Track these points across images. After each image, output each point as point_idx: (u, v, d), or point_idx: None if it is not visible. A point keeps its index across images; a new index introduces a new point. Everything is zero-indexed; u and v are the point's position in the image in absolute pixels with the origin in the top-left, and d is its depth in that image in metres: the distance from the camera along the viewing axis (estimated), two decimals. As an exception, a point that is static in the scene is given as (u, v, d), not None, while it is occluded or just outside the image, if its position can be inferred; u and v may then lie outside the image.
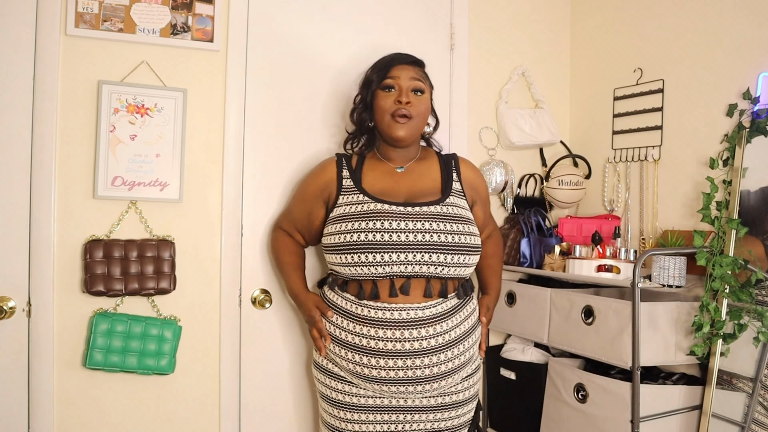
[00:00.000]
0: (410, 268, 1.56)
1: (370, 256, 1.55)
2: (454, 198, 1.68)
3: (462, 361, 1.61)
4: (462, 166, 1.78)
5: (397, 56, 1.74)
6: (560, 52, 2.48)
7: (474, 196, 1.77)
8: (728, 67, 1.89)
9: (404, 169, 1.73)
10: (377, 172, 1.73)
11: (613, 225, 2.17)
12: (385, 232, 1.55)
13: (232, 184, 1.94)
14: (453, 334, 1.58)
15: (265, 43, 1.99)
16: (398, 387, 1.57)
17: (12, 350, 1.71)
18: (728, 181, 1.82)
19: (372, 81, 1.71)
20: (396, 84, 1.68)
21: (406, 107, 1.66)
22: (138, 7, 1.82)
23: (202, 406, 1.92)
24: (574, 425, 1.87)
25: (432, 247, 1.55)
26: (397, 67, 1.70)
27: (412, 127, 1.68)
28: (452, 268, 1.58)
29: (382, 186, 1.69)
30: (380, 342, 1.55)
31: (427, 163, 1.77)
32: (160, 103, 1.84)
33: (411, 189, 1.68)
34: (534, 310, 2.05)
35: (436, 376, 1.57)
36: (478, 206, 1.79)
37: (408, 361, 1.54)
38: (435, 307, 1.57)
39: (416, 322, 1.54)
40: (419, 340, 1.54)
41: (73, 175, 1.78)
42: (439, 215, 1.60)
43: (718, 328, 1.72)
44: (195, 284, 1.90)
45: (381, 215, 1.58)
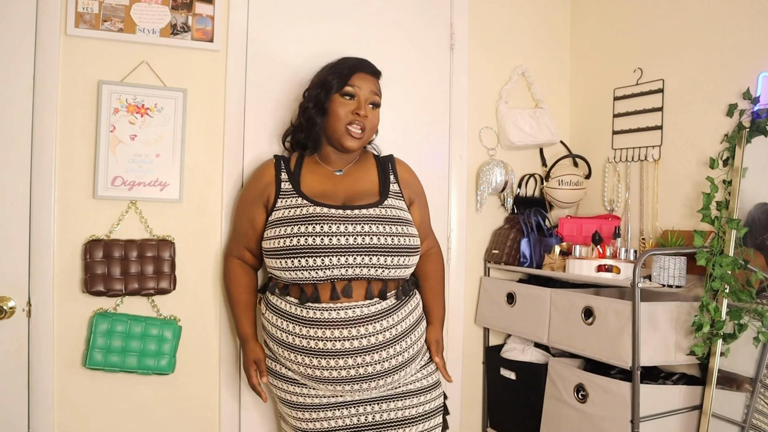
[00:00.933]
0: (351, 271, 1.56)
1: (310, 261, 1.54)
2: (393, 200, 1.69)
3: (410, 355, 1.62)
4: (398, 167, 1.79)
5: (360, 64, 1.72)
6: (560, 52, 2.48)
7: (411, 196, 1.78)
8: (728, 67, 1.89)
9: (343, 172, 1.74)
10: (316, 175, 1.72)
11: (613, 225, 2.17)
12: (324, 236, 1.55)
13: (232, 184, 1.94)
14: (398, 329, 1.59)
15: (265, 43, 1.99)
16: (351, 385, 1.58)
17: (12, 350, 1.71)
18: (728, 181, 1.82)
19: (331, 84, 1.68)
20: (356, 93, 1.68)
21: (363, 120, 1.67)
22: (138, 7, 1.82)
23: (202, 406, 1.92)
24: (574, 425, 1.87)
25: (372, 249, 1.56)
26: (360, 75, 1.70)
27: (364, 140, 1.70)
28: (392, 269, 1.59)
29: (321, 189, 1.68)
30: (327, 342, 1.54)
31: (364, 165, 1.77)
32: (160, 103, 1.84)
33: (349, 192, 1.69)
34: (534, 310, 2.05)
35: (386, 372, 1.58)
36: (415, 206, 1.79)
37: (359, 359, 1.54)
38: (375, 305, 1.58)
39: (359, 320, 1.55)
40: (365, 337, 1.54)
41: (73, 175, 1.78)
42: (378, 217, 1.60)
43: (718, 328, 1.72)
44: (195, 284, 1.90)
45: (320, 219, 1.57)
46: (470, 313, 2.32)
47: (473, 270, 2.32)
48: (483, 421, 2.34)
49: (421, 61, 2.22)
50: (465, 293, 2.30)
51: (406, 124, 2.18)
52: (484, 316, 2.27)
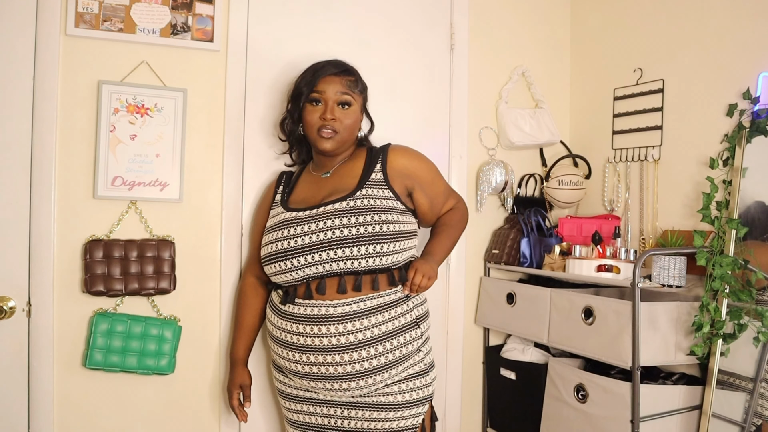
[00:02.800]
0: (321, 268, 1.56)
1: (282, 264, 1.60)
2: (369, 190, 1.63)
3: (384, 362, 1.55)
4: (391, 155, 1.71)
5: (323, 67, 1.71)
6: (560, 52, 2.48)
7: (408, 184, 1.70)
8: (728, 67, 1.89)
9: (329, 174, 1.74)
10: (306, 183, 1.77)
11: (613, 225, 2.17)
12: (291, 239, 1.59)
13: (232, 184, 1.94)
14: (371, 333, 1.54)
15: (265, 43, 1.99)
16: (316, 383, 1.59)
17: (12, 350, 1.71)
18: (728, 181, 1.82)
19: (301, 93, 1.70)
20: (322, 98, 1.68)
21: (331, 123, 1.67)
22: (138, 7, 1.82)
23: (202, 406, 1.92)
24: (574, 425, 1.87)
25: (335, 242, 1.55)
26: (324, 79, 1.69)
27: (338, 140, 1.69)
28: (363, 259, 1.55)
29: (305, 194, 1.73)
30: (298, 337, 1.57)
31: (351, 162, 1.75)
32: (160, 103, 1.84)
33: (329, 192, 1.68)
34: (534, 310, 2.05)
35: (353, 375, 1.55)
36: (418, 192, 1.71)
37: (321, 357, 1.55)
38: (350, 305, 1.55)
39: (329, 319, 1.54)
40: (335, 336, 1.54)
41: (73, 175, 1.78)
42: (345, 210, 1.58)
43: (718, 328, 1.72)
44: (195, 284, 1.90)
45: (290, 222, 1.63)
46: (470, 313, 2.32)
47: (473, 270, 2.32)
48: (483, 421, 2.34)
49: (421, 61, 2.22)
50: (465, 293, 2.30)
51: (406, 124, 2.18)
52: (484, 316, 2.27)
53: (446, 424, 2.23)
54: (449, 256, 1.97)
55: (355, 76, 1.74)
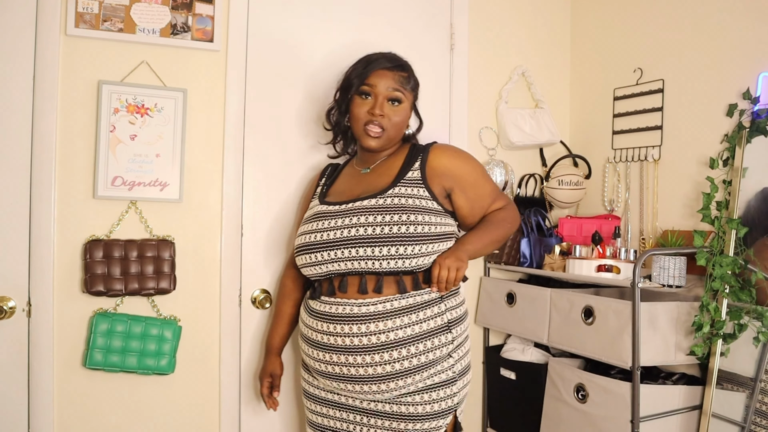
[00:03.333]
0: (343, 265, 1.53)
1: (307, 257, 1.59)
2: (404, 188, 1.56)
3: (407, 367, 1.49)
4: (432, 153, 1.63)
5: (377, 60, 1.66)
6: (560, 52, 2.48)
7: (447, 184, 1.60)
8: (728, 67, 1.89)
9: (369, 170, 1.69)
10: (346, 177, 1.75)
11: (613, 225, 2.17)
12: (317, 233, 1.57)
13: (232, 184, 1.94)
14: (394, 335, 1.48)
15: (265, 43, 1.99)
16: (339, 383, 1.55)
17: (12, 350, 1.71)
18: (728, 181, 1.82)
19: (351, 84, 1.65)
20: (372, 92, 1.63)
21: (379, 119, 1.61)
22: (138, 7, 1.82)
23: (202, 406, 1.92)
24: (574, 425, 1.87)
25: (358, 240, 1.50)
26: (377, 72, 1.63)
27: (385, 138, 1.64)
28: (385, 260, 1.49)
29: (343, 188, 1.70)
30: (323, 335, 1.55)
31: (392, 159, 1.68)
32: (160, 103, 1.84)
33: (366, 187, 1.64)
34: (534, 310, 2.05)
35: (375, 377, 1.50)
36: (457, 193, 1.61)
37: (343, 358, 1.51)
38: (375, 305, 1.50)
39: (353, 318, 1.51)
40: (356, 336, 1.49)
41: (73, 175, 1.78)
42: (374, 207, 1.53)
43: (718, 328, 1.72)
44: (195, 284, 1.90)
45: (320, 216, 1.61)
46: (470, 313, 2.32)
47: (473, 270, 2.32)
48: (483, 421, 2.33)
49: (421, 61, 2.20)
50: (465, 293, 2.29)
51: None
52: (484, 316, 2.27)
53: (446, 424, 2.23)
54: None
55: (408, 72, 1.69)
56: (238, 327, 1.95)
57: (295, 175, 2.01)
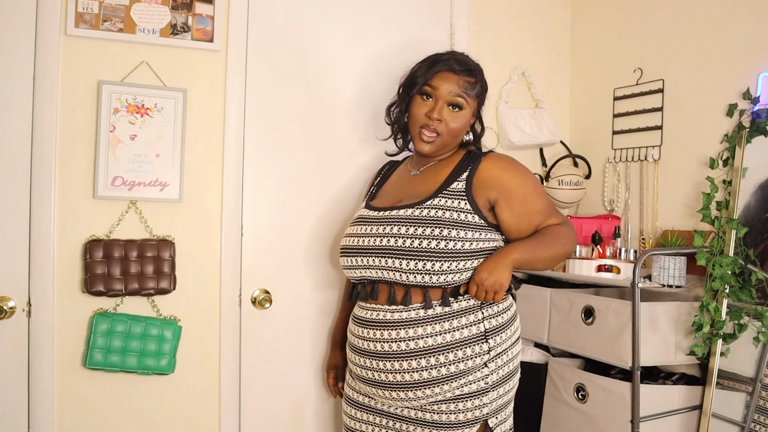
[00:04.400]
0: (374, 273, 1.53)
1: (344, 260, 1.61)
2: (445, 200, 1.50)
3: (437, 375, 1.46)
4: (484, 162, 1.55)
5: (445, 60, 1.60)
6: (560, 52, 2.48)
7: (492, 196, 1.52)
8: (728, 67, 1.89)
9: (419, 172, 1.65)
10: (397, 177, 1.74)
11: (613, 225, 2.17)
12: (356, 237, 1.58)
13: (232, 184, 1.94)
14: (422, 343, 1.46)
15: (265, 43, 1.99)
16: (375, 389, 1.56)
17: (12, 350, 1.71)
18: (728, 181, 1.82)
19: (415, 82, 1.61)
20: (434, 94, 1.58)
21: (436, 123, 1.56)
22: (138, 7, 1.82)
23: (202, 406, 1.92)
24: (574, 425, 1.87)
25: (389, 251, 1.48)
26: (442, 74, 1.58)
27: (439, 144, 1.59)
28: (410, 274, 1.46)
29: (390, 191, 1.69)
30: (360, 340, 1.57)
31: (443, 164, 1.62)
32: (160, 103, 1.84)
33: (410, 192, 1.60)
34: (534, 310, 2.05)
35: (402, 385, 1.49)
36: (502, 207, 1.52)
37: (375, 363, 1.52)
38: (409, 312, 1.48)
39: (385, 324, 1.51)
40: (387, 342, 1.49)
41: (73, 175, 1.78)
42: (409, 219, 1.49)
43: (718, 328, 1.72)
44: (195, 284, 1.90)
45: (361, 221, 1.61)
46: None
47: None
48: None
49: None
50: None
51: (406, 124, 2.18)
52: (484, 316, 2.27)
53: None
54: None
55: (476, 78, 1.61)
56: (238, 327, 1.95)
57: (294, 175, 2.01)
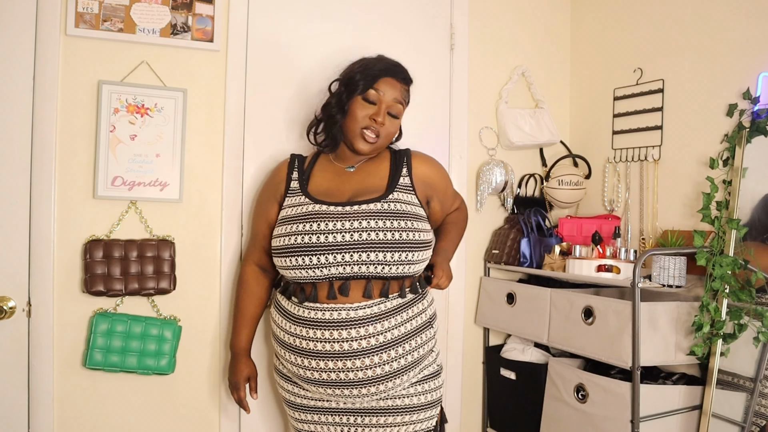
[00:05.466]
0: (349, 269, 1.50)
1: (306, 259, 1.51)
2: (400, 194, 1.60)
3: (404, 364, 1.52)
4: (414, 161, 1.69)
5: (390, 68, 1.67)
6: (560, 52, 2.48)
7: (428, 192, 1.69)
8: (728, 67, 1.89)
9: (354, 169, 1.69)
10: (326, 173, 1.70)
11: (613, 225, 2.17)
12: (321, 234, 1.51)
13: (232, 184, 1.94)
14: (391, 335, 1.50)
15: (266, 43, 1.99)
16: (333, 390, 1.52)
17: (12, 350, 1.71)
18: (728, 181, 1.82)
19: (357, 85, 1.64)
20: (378, 99, 1.63)
21: (379, 127, 1.62)
22: (138, 7, 1.82)
23: (202, 405, 1.92)
24: (574, 425, 1.87)
25: (371, 245, 1.50)
26: (386, 80, 1.64)
27: (377, 146, 1.66)
28: (394, 266, 1.51)
29: (328, 186, 1.66)
30: (315, 343, 1.50)
31: (377, 161, 1.71)
32: (160, 103, 1.84)
33: (357, 188, 1.63)
34: (534, 310, 2.05)
35: (373, 379, 1.50)
36: (435, 202, 1.72)
37: (339, 363, 1.49)
38: (371, 308, 1.51)
39: (349, 323, 1.49)
40: (355, 340, 1.48)
41: (73, 175, 1.78)
42: (380, 212, 1.54)
43: (718, 328, 1.72)
44: (195, 284, 1.90)
45: (319, 216, 1.54)
46: (470, 313, 2.32)
47: (473, 270, 2.32)
48: (483, 421, 2.34)
49: (421, 61, 2.22)
50: (465, 293, 2.30)
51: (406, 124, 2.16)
52: (484, 316, 2.28)
53: (446, 426, 2.22)
54: None
55: (410, 86, 1.72)
56: (238, 327, 1.95)
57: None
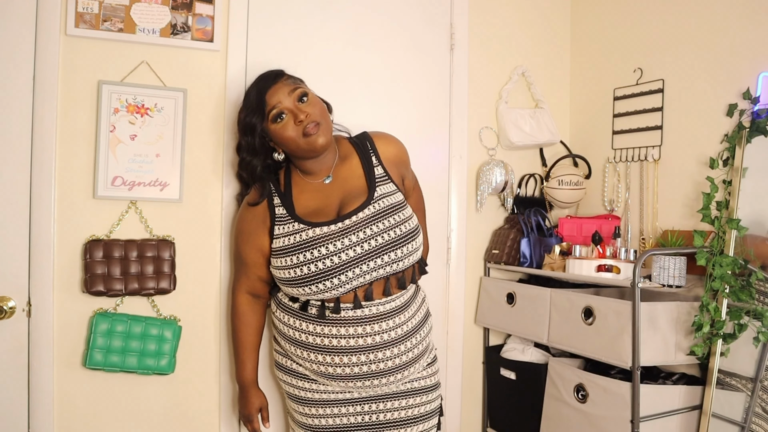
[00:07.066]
0: (368, 277, 1.55)
1: (327, 283, 1.52)
2: (380, 187, 1.63)
3: (419, 352, 1.63)
4: (378, 145, 1.69)
5: (259, 83, 1.63)
6: (560, 52, 2.48)
7: (401, 172, 1.72)
8: (728, 67, 1.89)
9: (331, 179, 1.66)
10: (307, 192, 1.66)
11: (613, 225, 2.17)
12: (332, 256, 1.52)
13: (232, 184, 1.94)
14: (410, 325, 1.60)
15: (266, 42, 1.99)
16: (363, 382, 1.59)
17: (12, 350, 1.71)
18: (728, 181, 1.82)
19: (255, 123, 1.60)
20: (282, 109, 1.58)
21: (309, 118, 1.57)
22: (138, 7, 1.82)
23: (202, 406, 1.92)
24: (574, 425, 1.87)
25: (379, 250, 1.54)
26: (270, 92, 1.60)
27: (324, 129, 1.60)
28: (405, 259, 1.58)
29: (315, 205, 1.63)
30: (341, 340, 1.55)
31: (347, 161, 1.68)
32: (160, 103, 1.84)
33: (341, 197, 1.62)
34: (534, 310, 2.05)
35: (397, 368, 1.59)
36: (407, 179, 1.76)
37: (371, 356, 1.55)
38: (390, 303, 1.58)
39: (374, 318, 1.55)
40: (381, 333, 1.55)
41: (73, 175, 1.78)
42: (373, 216, 1.57)
43: (718, 328, 1.72)
44: (195, 284, 1.90)
45: (321, 240, 1.53)
46: (470, 313, 2.32)
47: (473, 270, 2.32)
48: (483, 421, 2.34)
49: (421, 61, 2.22)
50: (465, 293, 2.30)
51: (406, 124, 2.18)
52: (484, 316, 2.28)
53: (446, 424, 2.23)
54: None
55: (286, 74, 1.66)
56: (238, 327, 1.94)
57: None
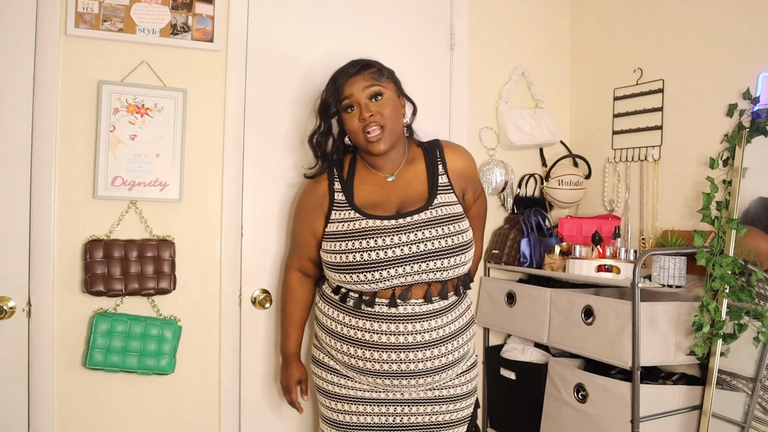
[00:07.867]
0: (410, 278, 1.56)
1: (369, 275, 1.55)
2: (441, 196, 1.64)
3: (455, 358, 1.61)
4: (447, 155, 1.71)
5: (341, 72, 1.66)
6: (560, 52, 2.48)
7: (464, 186, 1.73)
8: (728, 67, 1.89)
9: (395, 177, 1.69)
10: (369, 185, 1.69)
11: (613, 225, 2.17)
12: (379, 250, 1.55)
13: (232, 184, 1.94)
14: (448, 330, 1.59)
15: (265, 43, 1.99)
16: (392, 380, 1.59)
17: (12, 350, 1.71)
18: (728, 181, 1.82)
19: (329, 106, 1.67)
20: (353, 102, 1.63)
21: (372, 120, 1.60)
22: (138, 7, 1.82)
23: (202, 405, 1.92)
24: (574, 425, 1.87)
25: (427, 255, 1.55)
26: (346, 83, 1.64)
27: (388, 135, 1.62)
28: (450, 270, 1.58)
29: (374, 199, 1.66)
30: (374, 335, 1.56)
31: (414, 164, 1.71)
32: (160, 103, 1.84)
33: (401, 198, 1.66)
34: (534, 310, 2.05)
35: (429, 371, 1.58)
36: (469, 193, 1.76)
37: (402, 355, 1.55)
38: (432, 304, 1.58)
39: (410, 317, 1.56)
40: (415, 333, 1.55)
41: (73, 175, 1.78)
42: (429, 221, 1.58)
43: (718, 328, 1.72)
44: (195, 284, 1.90)
45: (374, 232, 1.57)
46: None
47: (473, 270, 2.32)
48: (483, 421, 2.33)
49: (421, 61, 2.22)
50: (465, 293, 2.29)
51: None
52: (484, 316, 2.28)
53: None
54: None
55: (376, 66, 1.68)
56: (238, 327, 1.95)
57: (295, 175, 2.01)
